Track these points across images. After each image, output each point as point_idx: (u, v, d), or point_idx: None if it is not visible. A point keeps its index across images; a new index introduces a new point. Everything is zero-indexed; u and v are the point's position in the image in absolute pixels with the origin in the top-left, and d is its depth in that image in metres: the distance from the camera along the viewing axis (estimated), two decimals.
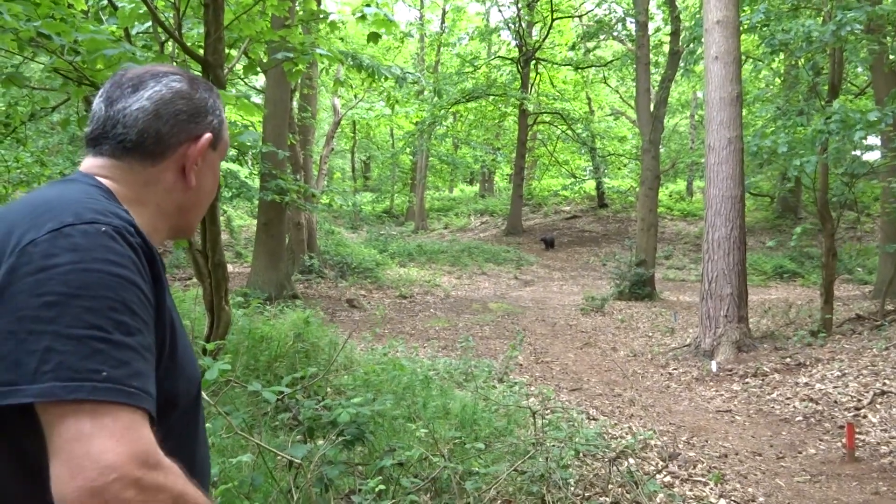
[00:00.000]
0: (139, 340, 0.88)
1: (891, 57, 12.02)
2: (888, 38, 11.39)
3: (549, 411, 5.84)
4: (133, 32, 4.63)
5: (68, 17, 3.87)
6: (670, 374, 8.25)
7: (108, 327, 0.85)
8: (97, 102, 1.09)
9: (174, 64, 5.12)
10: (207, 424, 2.80)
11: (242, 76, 5.42)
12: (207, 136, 1.11)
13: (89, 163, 1.08)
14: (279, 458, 3.17)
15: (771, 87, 18.34)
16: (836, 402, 6.34)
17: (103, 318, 0.85)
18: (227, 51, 5.09)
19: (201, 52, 4.24)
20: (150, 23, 4.21)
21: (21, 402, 0.81)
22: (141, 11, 4.05)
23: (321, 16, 5.10)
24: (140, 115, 1.06)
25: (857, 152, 9.81)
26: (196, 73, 4.80)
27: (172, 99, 1.09)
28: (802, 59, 11.23)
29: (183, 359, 1.02)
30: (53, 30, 2.99)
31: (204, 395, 2.87)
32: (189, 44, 4.60)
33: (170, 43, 4.68)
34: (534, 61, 25.32)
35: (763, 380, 7.42)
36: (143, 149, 1.06)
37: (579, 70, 25.63)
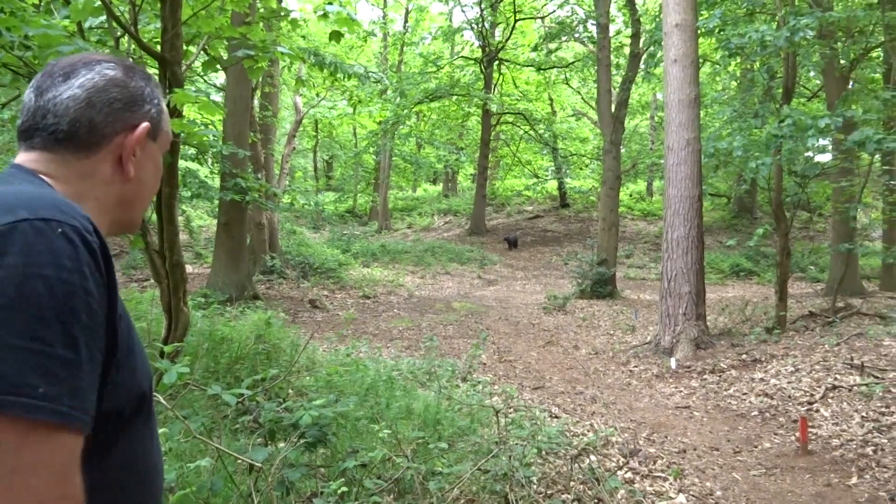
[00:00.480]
0: (84, 354, 0.85)
1: (842, 62, 12.40)
2: (839, 43, 11.74)
3: (512, 410, 5.88)
4: (88, 27, 4.52)
5: (18, 11, 3.76)
6: (631, 371, 8.37)
7: (52, 340, 0.81)
8: (27, 93, 1.04)
9: (131, 60, 5.01)
10: (163, 430, 2.75)
11: (202, 73, 5.31)
12: (145, 125, 1.07)
13: (22, 157, 1.02)
14: (239, 461, 3.13)
15: (728, 90, 18.74)
16: (790, 396, 6.50)
17: (48, 330, 0.81)
18: (185, 47, 5.00)
19: (158, 48, 4.15)
20: (104, 17, 4.10)
21: None
22: (96, 5, 3.95)
23: (282, 13, 5.04)
24: (71, 103, 1.01)
25: (810, 154, 10.09)
26: (153, 69, 4.71)
27: (106, 87, 1.04)
28: (758, 63, 11.52)
29: (135, 362, 0.99)
30: (2, 25, 2.89)
31: (161, 399, 2.81)
32: (146, 39, 4.50)
33: (125, 38, 4.57)
34: (497, 62, 25.44)
35: (720, 376, 7.58)
36: (77, 139, 1.01)
37: (542, 71, 25.83)
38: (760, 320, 10.28)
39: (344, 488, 3.07)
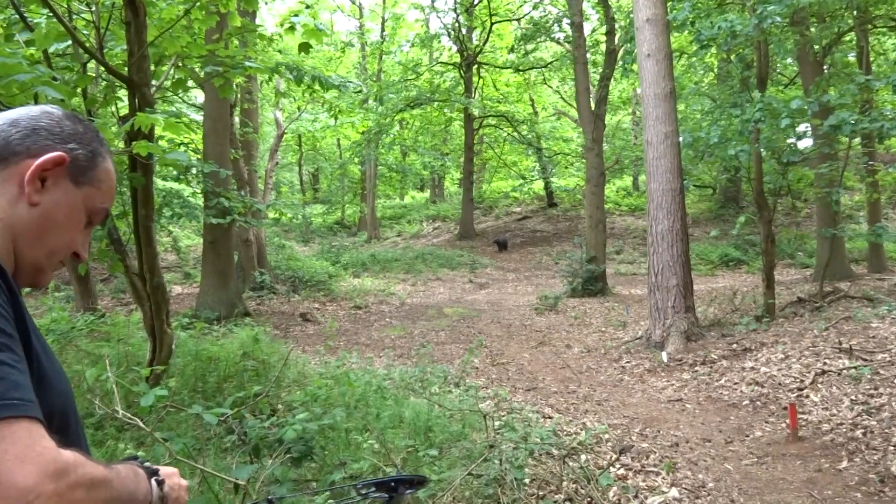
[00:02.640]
0: (8, 355, 0.86)
1: (815, 47, 12.50)
2: (811, 29, 11.84)
3: (503, 413, 5.87)
4: (54, 51, 4.50)
5: None
6: (623, 367, 8.38)
7: None
8: None
9: (99, 83, 4.99)
10: (141, 452, 2.72)
11: (173, 92, 5.30)
12: (58, 153, 1.04)
13: None
14: (226, 481, 3.11)
15: (703, 82, 18.85)
16: (780, 384, 6.53)
17: None
18: (155, 68, 4.99)
19: (126, 71, 4.14)
20: (70, 41, 4.08)
21: None
22: (61, 30, 3.93)
23: (250, 28, 5.04)
24: (0, 120, 1.05)
25: (791, 140, 10.14)
26: (122, 91, 4.67)
27: (38, 116, 1.06)
28: (732, 54, 11.60)
29: (51, 375, 0.99)
30: None
31: (140, 422, 2.79)
32: (113, 63, 4.49)
33: (93, 63, 4.56)
34: (476, 65, 25.52)
35: (712, 367, 7.60)
36: None
37: (520, 72, 25.92)
38: (750, 309, 10.32)
39: (331, 501, 3.05)
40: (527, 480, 3.98)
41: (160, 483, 1.09)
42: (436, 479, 3.77)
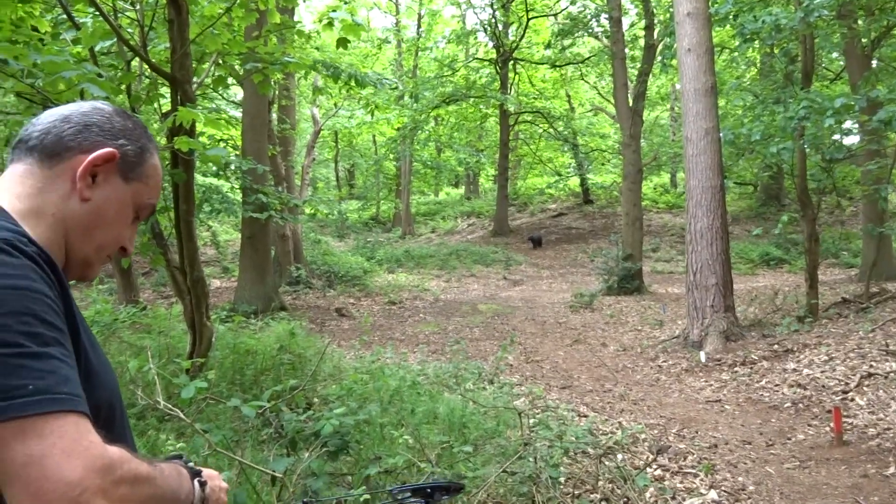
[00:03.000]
0: (58, 349, 0.86)
1: (863, 41, 12.14)
2: (859, 22, 11.50)
3: (538, 410, 5.83)
4: (99, 49, 4.59)
5: (32, 40, 3.84)
6: (660, 366, 8.27)
7: (22, 341, 0.82)
8: None
9: (143, 80, 5.09)
10: (181, 443, 2.77)
11: (213, 89, 5.38)
12: (109, 149, 1.05)
13: (6, 171, 1.06)
14: (264, 473, 3.14)
15: (746, 76, 18.45)
16: (823, 386, 6.36)
17: (15, 334, 0.82)
18: (196, 65, 5.06)
19: (168, 68, 4.21)
20: (115, 39, 4.17)
21: None
22: (106, 28, 4.01)
23: (289, 25, 5.08)
24: (50, 117, 1.06)
25: (837, 137, 9.87)
26: (164, 88, 4.75)
27: (89, 112, 1.08)
28: (777, 48, 11.33)
29: (98, 368, 1.00)
30: (9, 54, 2.95)
31: (180, 413, 2.84)
32: (156, 60, 4.57)
33: (137, 60, 4.65)
34: (512, 61, 25.37)
35: (752, 368, 7.44)
36: (43, 147, 1.03)
37: (557, 68, 25.69)
38: (792, 309, 10.09)
39: (366, 496, 3.06)
40: (562, 479, 3.95)
41: (202, 484, 1.11)
42: (470, 476, 3.76)
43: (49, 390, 0.82)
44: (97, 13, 3.84)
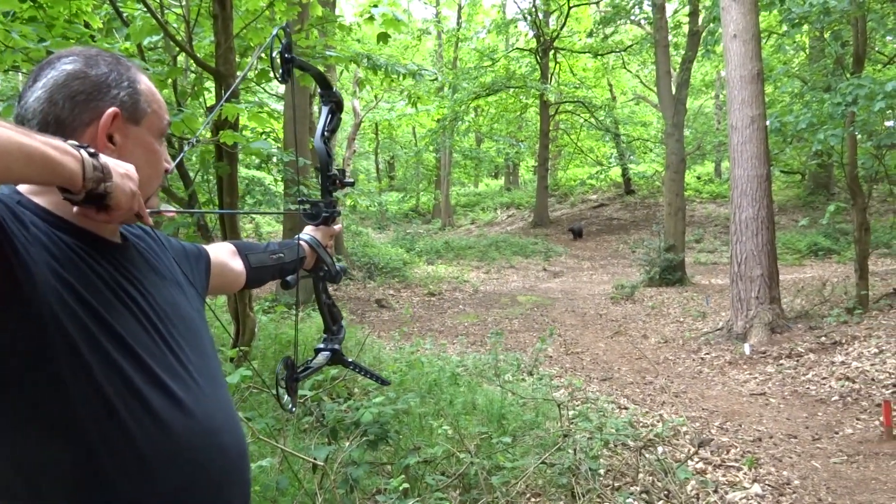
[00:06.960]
0: None
1: None
2: None
3: (578, 402, 5.81)
4: (147, 45, 4.71)
5: (83, 36, 3.96)
6: (702, 359, 8.14)
7: None
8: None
9: (188, 75, 5.20)
10: None
11: (256, 83, 5.47)
12: (111, 111, 1.05)
13: None
14: (305, 461, 3.21)
15: (794, 62, 17.93)
16: (873, 379, 6.20)
17: None
18: (239, 59, 5.15)
19: (213, 63, 4.29)
20: (162, 35, 4.27)
21: None
22: (153, 24, 4.11)
23: (330, 19, 5.13)
24: (36, 104, 1.04)
25: (889, 123, 9.54)
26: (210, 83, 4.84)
27: (66, 81, 1.05)
28: (826, 32, 10.98)
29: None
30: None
31: None
32: (201, 54, 4.66)
33: (182, 55, 4.75)
34: (552, 51, 25.11)
35: (798, 360, 7.28)
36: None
37: (598, 57, 25.35)
38: (840, 301, 9.81)
39: (405, 485, 3.11)
40: (601, 471, 3.94)
41: (93, 154, 0.92)
42: (510, 467, 3.77)
43: None
44: (145, 10, 3.94)
